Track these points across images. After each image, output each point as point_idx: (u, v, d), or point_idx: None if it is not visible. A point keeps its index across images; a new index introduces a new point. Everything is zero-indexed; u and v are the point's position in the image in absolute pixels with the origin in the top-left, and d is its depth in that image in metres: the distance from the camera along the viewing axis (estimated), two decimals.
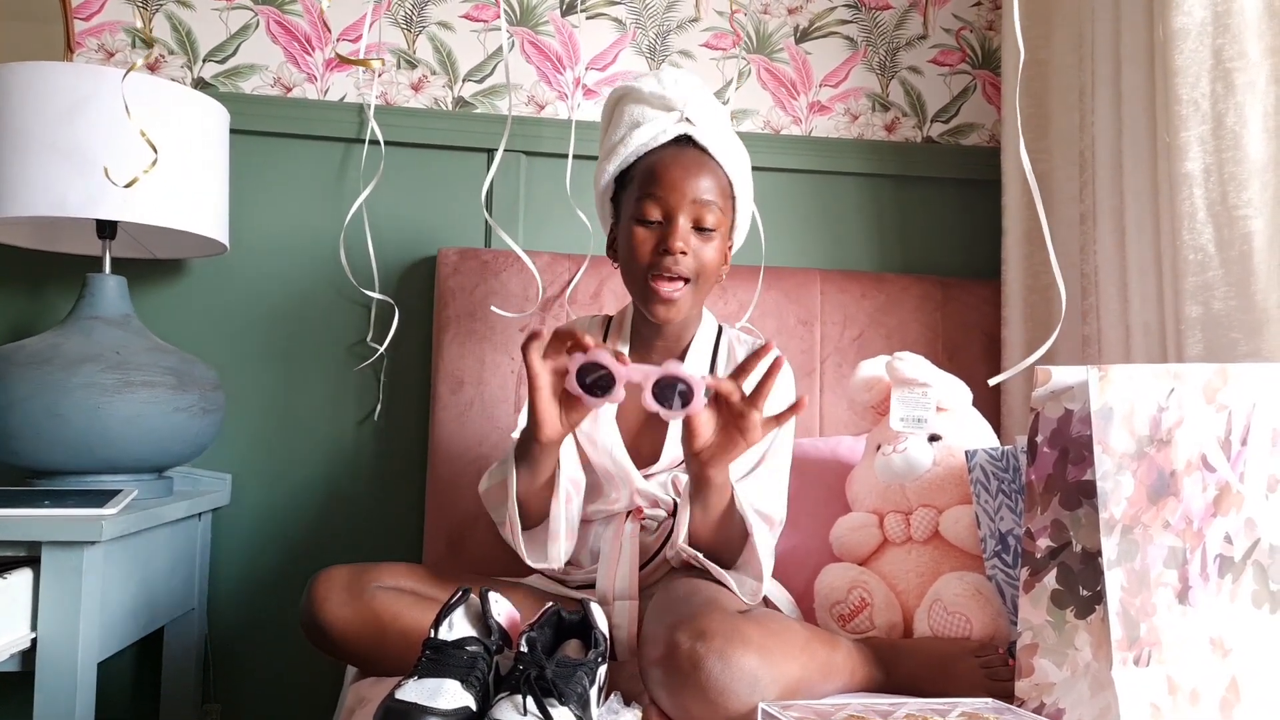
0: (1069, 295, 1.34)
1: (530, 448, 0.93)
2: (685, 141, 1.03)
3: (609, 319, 1.14)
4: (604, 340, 1.11)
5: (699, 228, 1.00)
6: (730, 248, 1.09)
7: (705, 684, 0.76)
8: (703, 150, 1.02)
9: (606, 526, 1.07)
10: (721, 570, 0.96)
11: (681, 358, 1.08)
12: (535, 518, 0.99)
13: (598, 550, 1.07)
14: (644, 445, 1.06)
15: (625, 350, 1.08)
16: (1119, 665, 0.75)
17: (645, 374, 0.83)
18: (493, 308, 1.39)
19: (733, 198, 1.06)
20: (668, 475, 1.08)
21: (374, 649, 0.90)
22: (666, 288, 1.00)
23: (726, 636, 0.77)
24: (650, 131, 1.02)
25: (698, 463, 0.90)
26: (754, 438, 0.87)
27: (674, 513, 1.07)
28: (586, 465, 1.04)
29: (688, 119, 1.02)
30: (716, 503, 0.93)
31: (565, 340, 0.88)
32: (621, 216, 1.06)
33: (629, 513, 1.06)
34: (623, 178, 1.06)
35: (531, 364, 0.87)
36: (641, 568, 1.03)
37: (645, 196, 1.00)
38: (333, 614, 0.90)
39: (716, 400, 0.88)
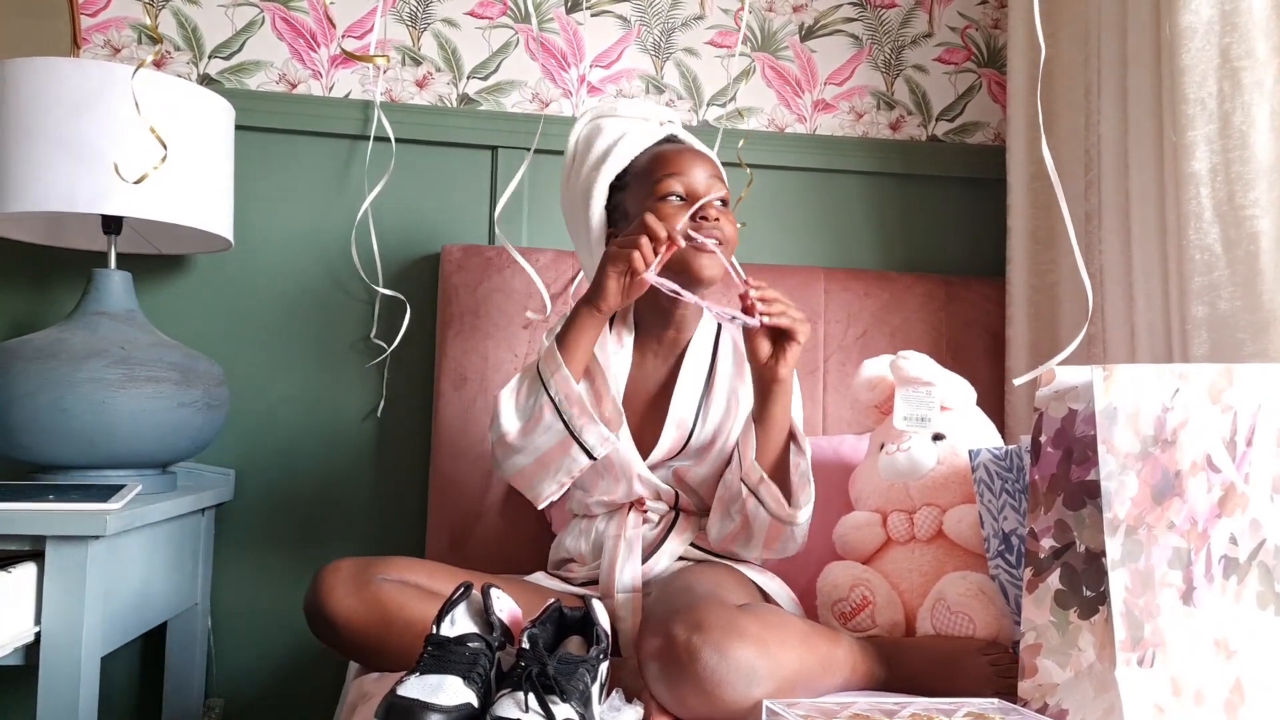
0: (1075, 294, 1.34)
1: (581, 319, 0.99)
2: (674, 140, 1.11)
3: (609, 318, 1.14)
4: (608, 334, 1.11)
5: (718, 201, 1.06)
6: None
7: (701, 676, 0.76)
8: (691, 146, 1.10)
9: (609, 522, 1.08)
10: (777, 505, 1.00)
11: (684, 350, 1.10)
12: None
13: (600, 546, 1.07)
14: (646, 435, 1.07)
15: (630, 340, 1.11)
16: (1123, 666, 0.75)
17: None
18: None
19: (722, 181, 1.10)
20: (667, 470, 1.08)
21: (379, 641, 0.90)
22: (711, 239, 1.02)
23: (723, 629, 0.78)
24: (639, 132, 1.10)
25: (770, 366, 0.97)
26: (804, 328, 0.97)
27: (675, 504, 1.07)
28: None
29: (670, 120, 1.12)
30: (785, 405, 1.00)
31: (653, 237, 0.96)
32: (631, 211, 1.07)
33: (630, 505, 1.06)
34: (618, 183, 1.09)
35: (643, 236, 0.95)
36: (644, 561, 1.03)
37: (664, 177, 1.04)
38: (338, 605, 0.90)
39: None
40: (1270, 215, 1.05)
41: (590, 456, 0.98)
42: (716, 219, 1.03)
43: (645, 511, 1.07)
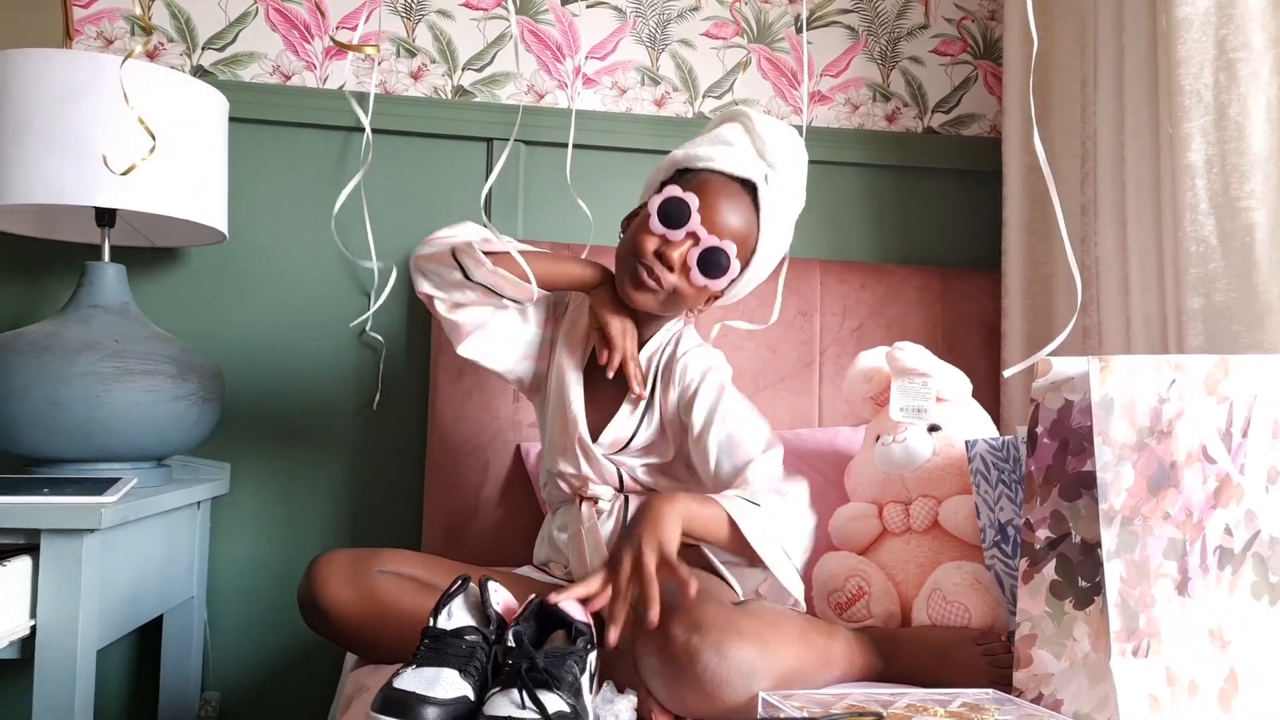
0: (1070, 287, 1.34)
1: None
2: (748, 188, 1.02)
3: (565, 305, 1.14)
4: (559, 329, 1.11)
5: (701, 258, 1.00)
6: (717, 298, 1.08)
7: (702, 677, 0.76)
8: (756, 206, 1.02)
9: (566, 518, 1.09)
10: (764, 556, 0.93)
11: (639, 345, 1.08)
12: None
13: (561, 544, 1.08)
14: (597, 421, 1.07)
15: (582, 331, 1.10)
16: (1118, 656, 0.75)
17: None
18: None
19: (747, 263, 1.04)
20: (614, 467, 1.07)
21: (373, 633, 0.90)
22: (645, 280, 1.00)
23: (722, 629, 0.77)
24: (732, 159, 1.02)
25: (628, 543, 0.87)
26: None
27: (621, 487, 1.07)
28: (545, 421, 1.10)
29: (766, 177, 1.02)
30: (712, 533, 0.91)
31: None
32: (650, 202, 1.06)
33: (580, 499, 1.07)
34: (682, 173, 1.05)
35: None
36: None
37: (670, 199, 1.00)
38: (333, 596, 0.90)
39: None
40: (1266, 207, 1.05)
41: (466, 277, 0.99)
42: (672, 269, 0.99)
43: (595, 502, 1.07)
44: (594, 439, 1.06)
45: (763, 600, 0.98)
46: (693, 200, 0.99)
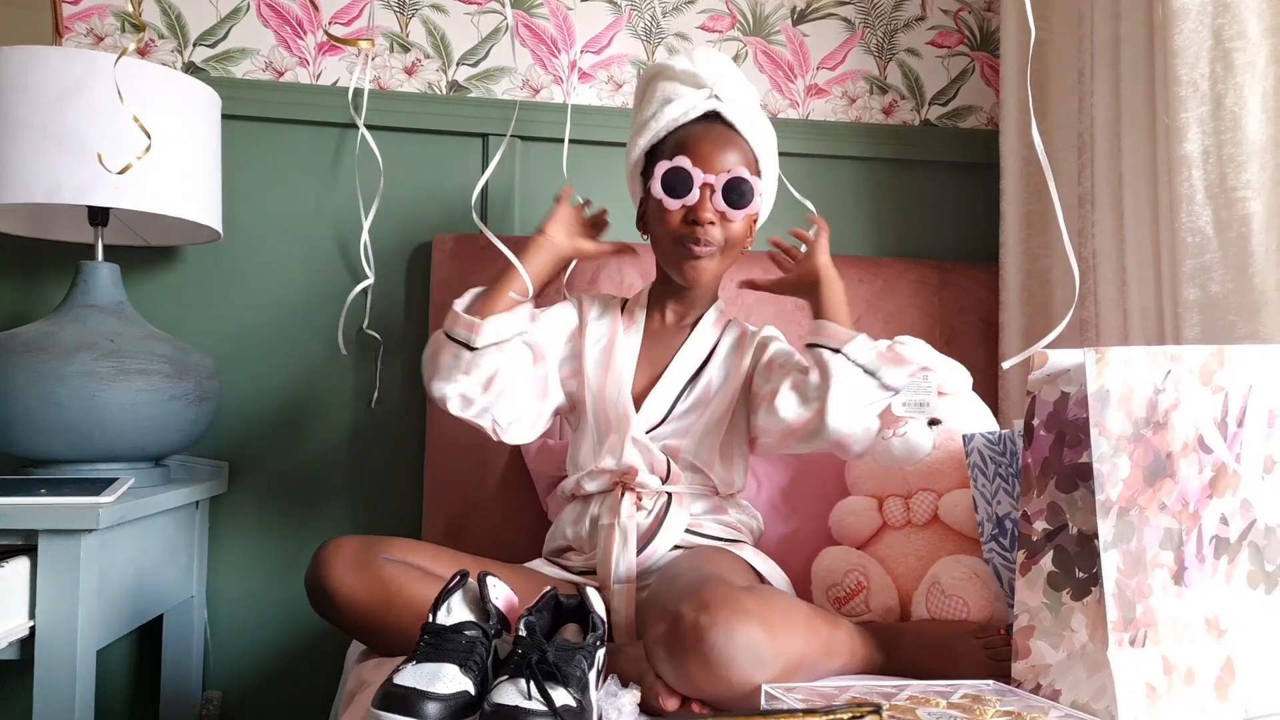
0: (1068, 279, 1.34)
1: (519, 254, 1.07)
2: (714, 118, 1.08)
3: (623, 303, 1.20)
4: (619, 322, 1.17)
5: (726, 200, 1.06)
6: (755, 221, 1.14)
7: (709, 655, 0.77)
8: (730, 126, 1.08)
9: (602, 506, 1.08)
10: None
11: (693, 326, 1.15)
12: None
13: (595, 531, 1.07)
14: (644, 399, 1.11)
15: (641, 321, 1.16)
16: (1115, 646, 0.76)
17: None
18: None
19: (758, 173, 1.11)
20: (659, 440, 1.09)
21: (378, 620, 0.91)
22: (696, 249, 1.06)
23: (730, 609, 0.78)
24: (681, 107, 1.08)
25: (813, 272, 1.08)
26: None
27: (667, 475, 1.09)
28: (584, 414, 1.12)
29: (716, 96, 1.08)
30: (835, 298, 1.07)
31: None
32: (649, 184, 1.09)
33: (623, 491, 1.07)
34: (654, 153, 1.11)
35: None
36: (640, 551, 1.04)
37: (670, 173, 1.05)
38: (340, 581, 0.90)
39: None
40: (1262, 197, 1.05)
41: (467, 348, 1.02)
42: (711, 222, 1.05)
43: (639, 496, 1.07)
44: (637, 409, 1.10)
45: (770, 587, 0.99)
46: (683, 161, 1.05)
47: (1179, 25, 1.09)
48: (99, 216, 1.25)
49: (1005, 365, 1.01)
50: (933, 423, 1.12)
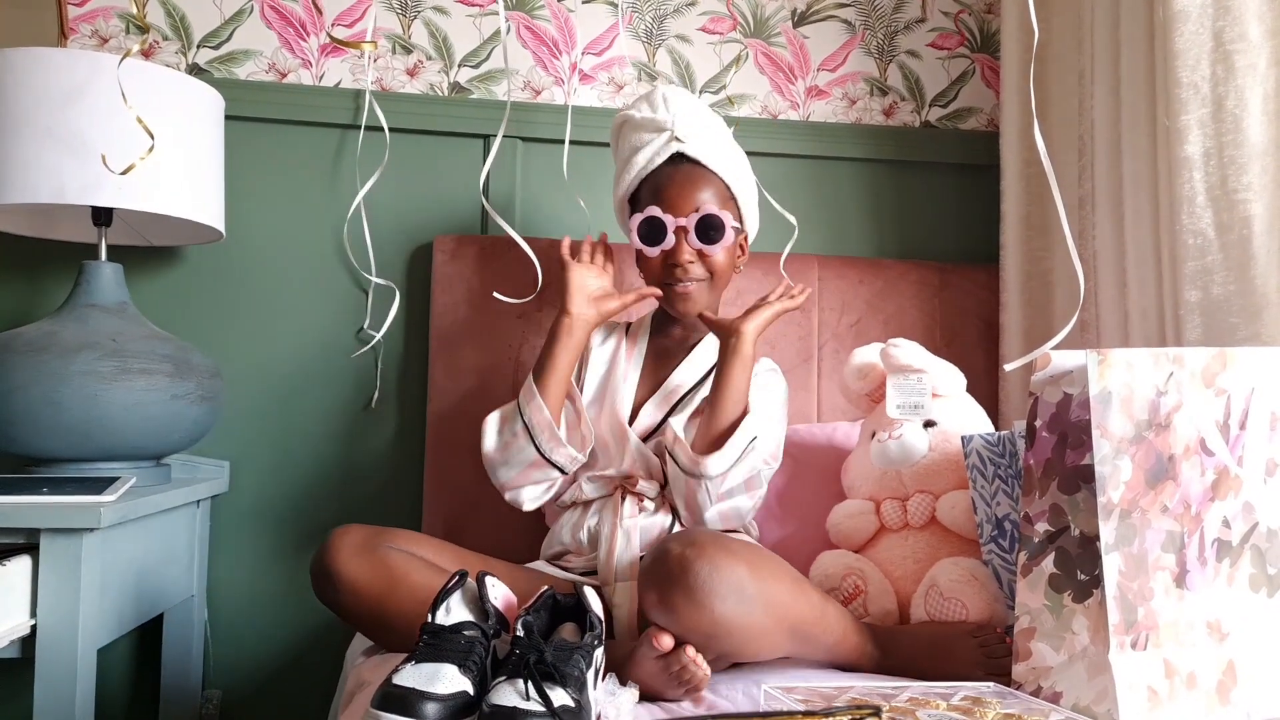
0: (1068, 281, 1.34)
1: (556, 341, 1.10)
2: (680, 158, 1.13)
3: (628, 325, 1.25)
4: (623, 343, 1.22)
5: (701, 238, 1.10)
6: (745, 240, 1.21)
7: (693, 585, 0.80)
8: (696, 163, 1.13)
9: (600, 514, 1.09)
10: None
11: (692, 349, 1.20)
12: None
13: (595, 537, 1.08)
14: (637, 407, 1.16)
15: (644, 345, 1.21)
16: (1116, 649, 0.75)
17: None
18: (495, 294, 1.39)
19: (734, 199, 1.15)
20: (655, 445, 1.12)
21: (381, 603, 0.91)
22: (679, 288, 1.13)
23: (717, 546, 0.83)
24: (646, 155, 1.14)
25: (734, 328, 1.07)
26: (771, 309, 1.10)
27: (664, 481, 1.10)
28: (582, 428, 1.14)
29: (677, 137, 1.12)
30: (741, 378, 1.05)
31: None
32: (631, 241, 1.15)
33: (624, 493, 1.07)
34: (634, 198, 1.17)
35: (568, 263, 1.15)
36: (643, 556, 1.04)
37: (643, 222, 1.11)
38: (345, 565, 0.92)
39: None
40: (1263, 199, 1.05)
41: (561, 471, 1.09)
42: (691, 261, 1.11)
43: (640, 499, 1.08)
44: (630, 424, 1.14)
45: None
46: (654, 211, 1.10)
47: (1180, 27, 1.09)
48: (102, 217, 1.25)
49: (1008, 367, 1.01)
50: (928, 424, 1.12)
